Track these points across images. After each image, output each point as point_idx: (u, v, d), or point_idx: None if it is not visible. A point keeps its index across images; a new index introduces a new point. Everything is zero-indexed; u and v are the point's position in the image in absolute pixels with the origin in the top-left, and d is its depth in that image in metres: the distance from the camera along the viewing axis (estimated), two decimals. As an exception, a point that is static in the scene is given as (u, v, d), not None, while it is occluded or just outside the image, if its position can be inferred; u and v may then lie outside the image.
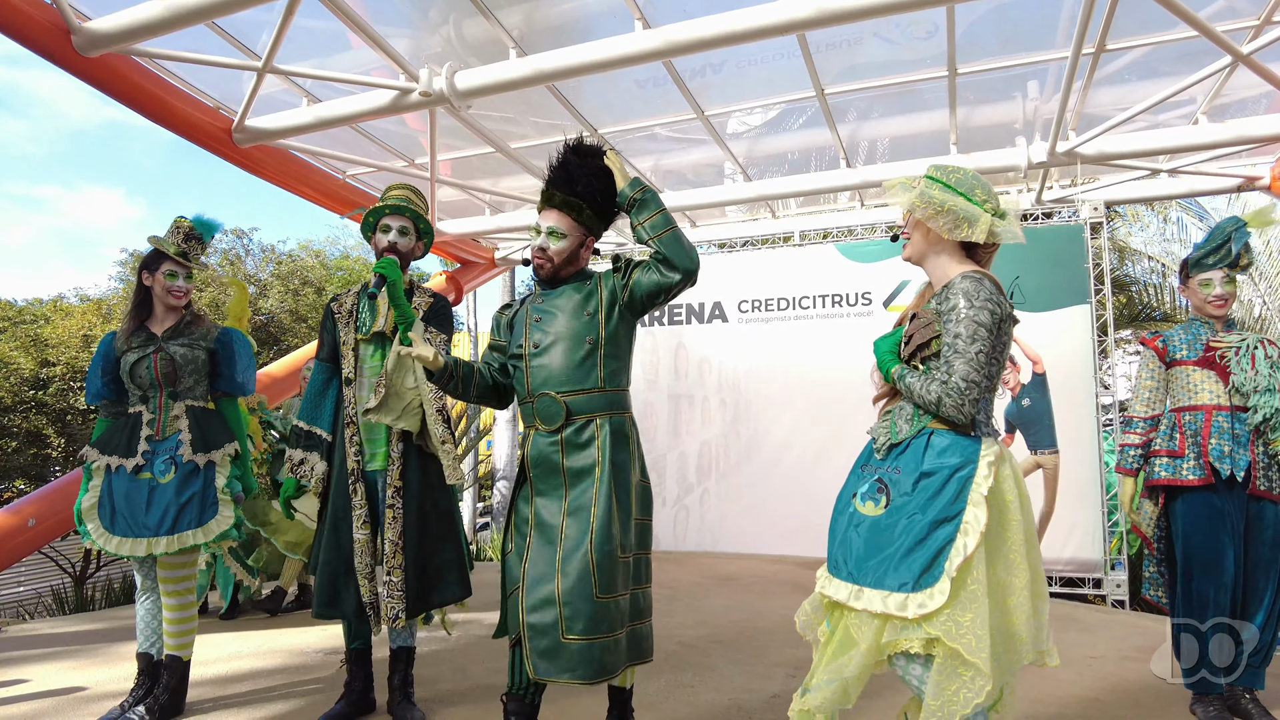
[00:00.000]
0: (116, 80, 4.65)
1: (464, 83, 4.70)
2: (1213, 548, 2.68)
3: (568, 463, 2.14)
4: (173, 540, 2.62)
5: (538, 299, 2.29)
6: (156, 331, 2.82)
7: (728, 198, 6.87)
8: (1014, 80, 5.61)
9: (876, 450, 1.88)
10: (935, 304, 1.86)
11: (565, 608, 2.00)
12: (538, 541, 2.13)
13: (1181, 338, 2.89)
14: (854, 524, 1.81)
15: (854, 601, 1.72)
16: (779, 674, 3.17)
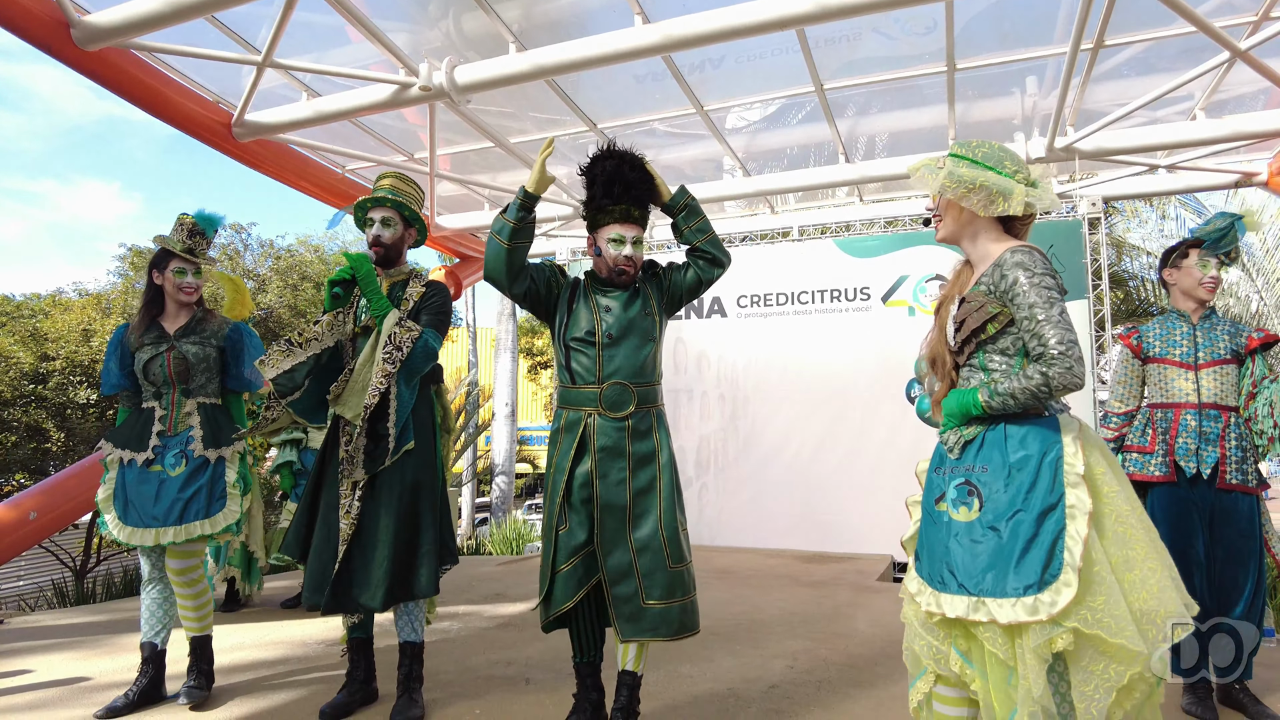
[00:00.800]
0: (116, 74, 4.65)
1: (463, 77, 4.70)
2: (1182, 539, 2.73)
3: (633, 447, 2.34)
4: (180, 530, 2.69)
5: (596, 290, 2.46)
6: (169, 329, 2.86)
7: (727, 193, 6.88)
8: (1013, 76, 5.62)
9: (950, 450, 1.78)
10: (986, 285, 1.76)
11: (644, 578, 2.26)
12: (608, 520, 2.32)
13: (1156, 333, 2.91)
14: (952, 533, 1.71)
15: (974, 614, 1.61)
16: (777, 665, 3.19)
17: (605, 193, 2.43)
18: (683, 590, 2.30)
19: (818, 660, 3.25)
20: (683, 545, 2.35)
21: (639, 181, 2.44)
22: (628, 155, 2.47)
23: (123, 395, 2.89)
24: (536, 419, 23.47)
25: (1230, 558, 2.74)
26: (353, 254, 2.56)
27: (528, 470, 22.27)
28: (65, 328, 7.99)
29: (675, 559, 2.30)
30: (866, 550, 6.30)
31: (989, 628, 1.61)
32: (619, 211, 2.41)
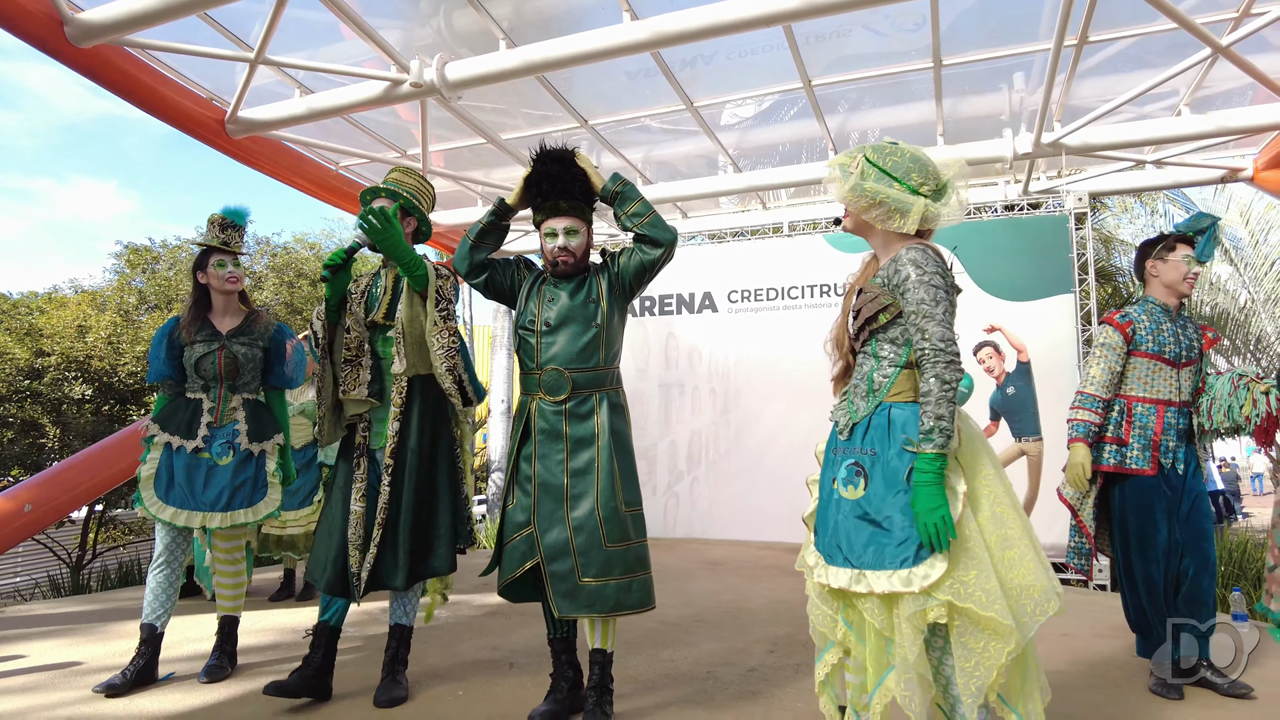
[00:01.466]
0: (109, 71, 4.69)
1: (454, 74, 4.75)
2: (1149, 530, 2.80)
3: (570, 430, 2.44)
4: (226, 517, 2.90)
5: (548, 281, 2.59)
6: (220, 327, 3.07)
7: (718, 189, 6.92)
8: (1000, 72, 5.67)
9: (840, 432, 1.91)
10: (882, 277, 1.89)
11: (580, 556, 2.34)
12: (545, 499, 2.41)
13: (1146, 325, 2.89)
14: (841, 510, 1.83)
15: (856, 586, 1.73)
16: (758, 650, 3.25)
17: (536, 193, 2.55)
18: (621, 569, 2.37)
19: (798, 645, 3.30)
20: (623, 525, 2.40)
21: (563, 175, 2.51)
22: (553, 152, 2.56)
23: (165, 384, 3.07)
24: (533, 416, 23.50)
25: (1192, 541, 2.82)
26: (371, 212, 2.56)
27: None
28: (60, 324, 8.04)
29: (612, 538, 2.37)
30: (856, 542, 6.35)
31: (868, 599, 1.74)
32: (548, 207, 2.54)
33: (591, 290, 2.53)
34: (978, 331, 6.34)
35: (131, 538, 8.99)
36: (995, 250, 6.47)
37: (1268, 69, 4.72)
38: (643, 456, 7.30)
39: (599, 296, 2.53)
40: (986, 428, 6.26)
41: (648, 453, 7.27)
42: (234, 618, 3.03)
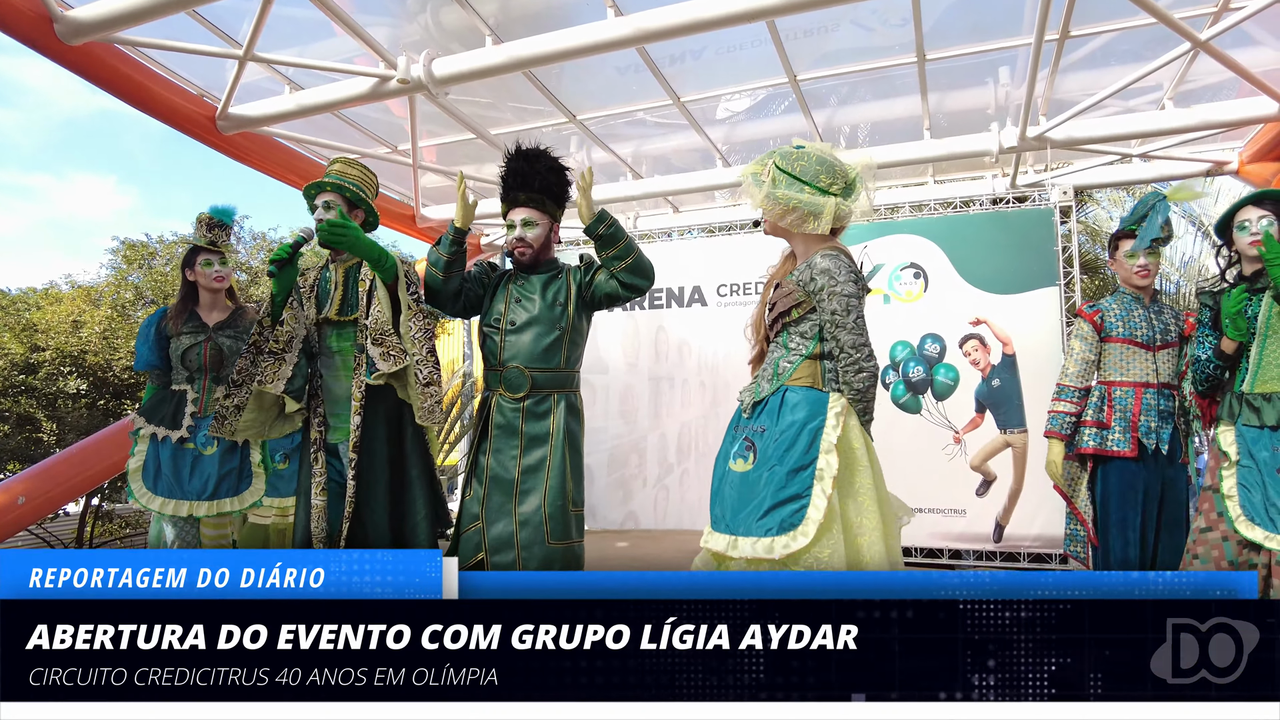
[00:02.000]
0: (100, 68, 4.73)
1: (441, 70, 4.79)
2: (1125, 511, 2.93)
3: (526, 428, 2.54)
4: (212, 505, 3.02)
5: (516, 280, 2.68)
6: (208, 321, 3.18)
7: (709, 183, 6.97)
8: (985, 66, 5.71)
9: (744, 411, 2.06)
10: (797, 278, 2.04)
11: (523, 550, 2.43)
12: (494, 492, 2.50)
13: (1117, 312, 3.04)
14: (728, 481, 2.00)
15: (731, 551, 1.89)
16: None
17: (503, 189, 2.69)
18: (560, 566, 2.45)
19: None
20: (568, 524, 2.49)
21: (525, 170, 2.67)
22: (522, 150, 2.72)
23: (153, 373, 3.18)
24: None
25: (1175, 524, 2.94)
26: (320, 227, 2.62)
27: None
28: (55, 319, 8.11)
29: (555, 536, 2.45)
30: (843, 533, 6.42)
31: (735, 562, 1.90)
32: (510, 199, 2.69)
33: (560, 293, 2.63)
34: (964, 325, 6.41)
35: (128, 531, 9.06)
36: (981, 244, 6.53)
37: (1250, 63, 4.76)
38: (633, 449, 7.37)
39: (567, 300, 2.63)
40: (972, 419, 6.33)
41: (638, 445, 7.34)
42: None
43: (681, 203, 7.94)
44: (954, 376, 6.42)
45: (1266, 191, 2.75)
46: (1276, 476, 2.47)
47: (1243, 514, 2.50)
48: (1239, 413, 2.60)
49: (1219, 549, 2.55)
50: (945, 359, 6.51)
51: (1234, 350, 2.62)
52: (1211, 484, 2.63)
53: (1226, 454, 2.59)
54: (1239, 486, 2.53)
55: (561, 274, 2.70)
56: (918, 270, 6.68)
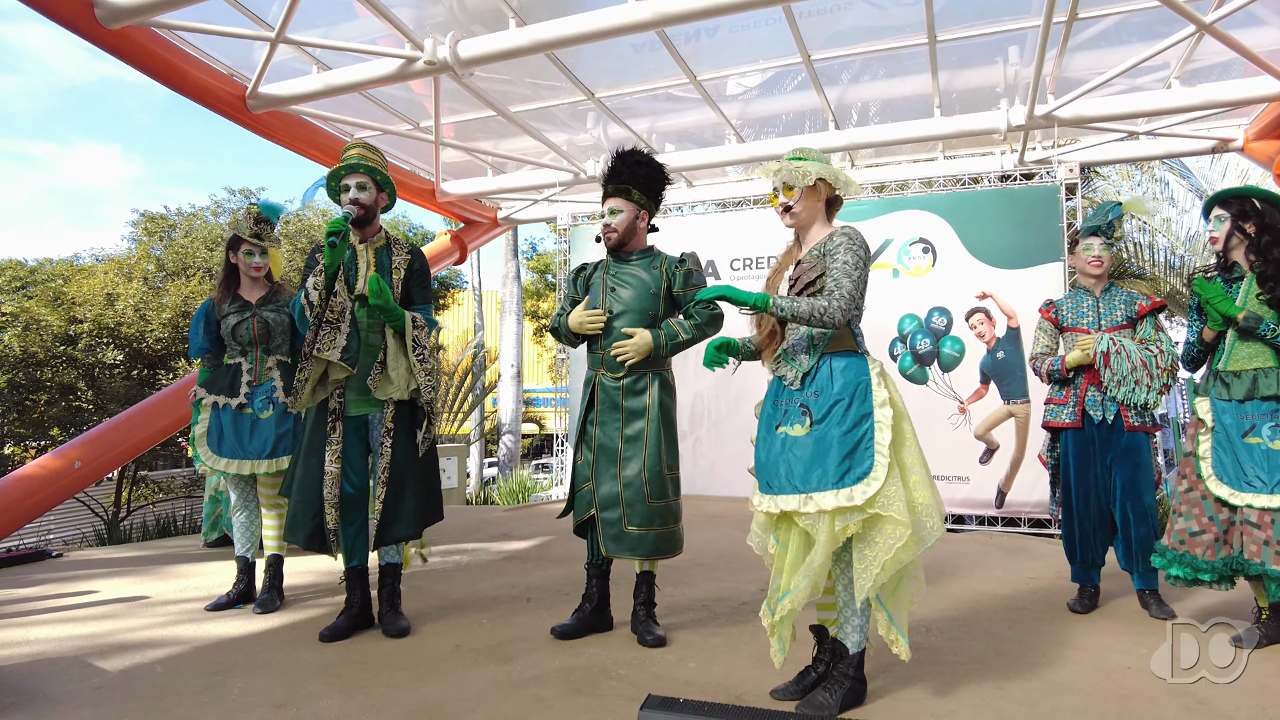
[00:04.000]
0: (137, 51, 4.91)
1: (467, 51, 4.93)
2: (1082, 472, 3.31)
3: (626, 403, 2.84)
4: (272, 463, 3.31)
5: (610, 267, 2.96)
6: (250, 299, 3.44)
7: (723, 159, 7.12)
8: (994, 46, 5.81)
9: (790, 384, 2.28)
10: (818, 250, 2.28)
11: (627, 508, 2.77)
12: (601, 458, 2.84)
13: (1069, 306, 3.45)
14: (787, 447, 2.20)
15: (805, 506, 2.10)
16: (749, 588, 3.59)
17: (602, 186, 2.99)
18: (660, 521, 2.77)
19: (787, 585, 3.65)
20: (665, 485, 2.79)
21: (616, 166, 2.96)
22: (620, 151, 3.01)
23: (206, 357, 3.45)
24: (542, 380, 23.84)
25: (1127, 487, 3.23)
26: (334, 221, 2.79)
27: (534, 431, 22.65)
28: (90, 292, 8.37)
29: (655, 495, 2.76)
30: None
31: (813, 516, 2.10)
32: (604, 192, 2.97)
33: (654, 283, 2.89)
34: (970, 298, 6.59)
35: (160, 496, 9.41)
36: (988, 219, 6.68)
37: (1255, 43, 4.88)
38: (648, 418, 7.59)
39: (660, 293, 2.89)
40: (977, 390, 6.54)
41: (653, 414, 7.56)
42: (279, 556, 3.41)
43: (696, 177, 8.09)
44: (960, 349, 6.61)
45: (1228, 191, 3.04)
46: (1243, 442, 2.75)
47: (1214, 474, 2.79)
48: (1213, 387, 2.92)
49: (1199, 506, 2.83)
50: (952, 332, 6.69)
51: (1213, 338, 2.98)
52: (1190, 449, 2.91)
53: (1203, 421, 2.88)
54: (1212, 449, 2.82)
55: (657, 264, 2.94)
56: (926, 245, 6.84)
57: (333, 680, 2.43)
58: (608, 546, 2.79)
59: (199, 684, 2.39)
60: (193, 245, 12.67)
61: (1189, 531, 2.84)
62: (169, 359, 8.65)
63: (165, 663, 2.58)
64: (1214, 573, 2.78)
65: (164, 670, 2.52)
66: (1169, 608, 3.18)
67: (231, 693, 2.33)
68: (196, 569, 4.11)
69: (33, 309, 8.10)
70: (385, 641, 2.83)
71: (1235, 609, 3.14)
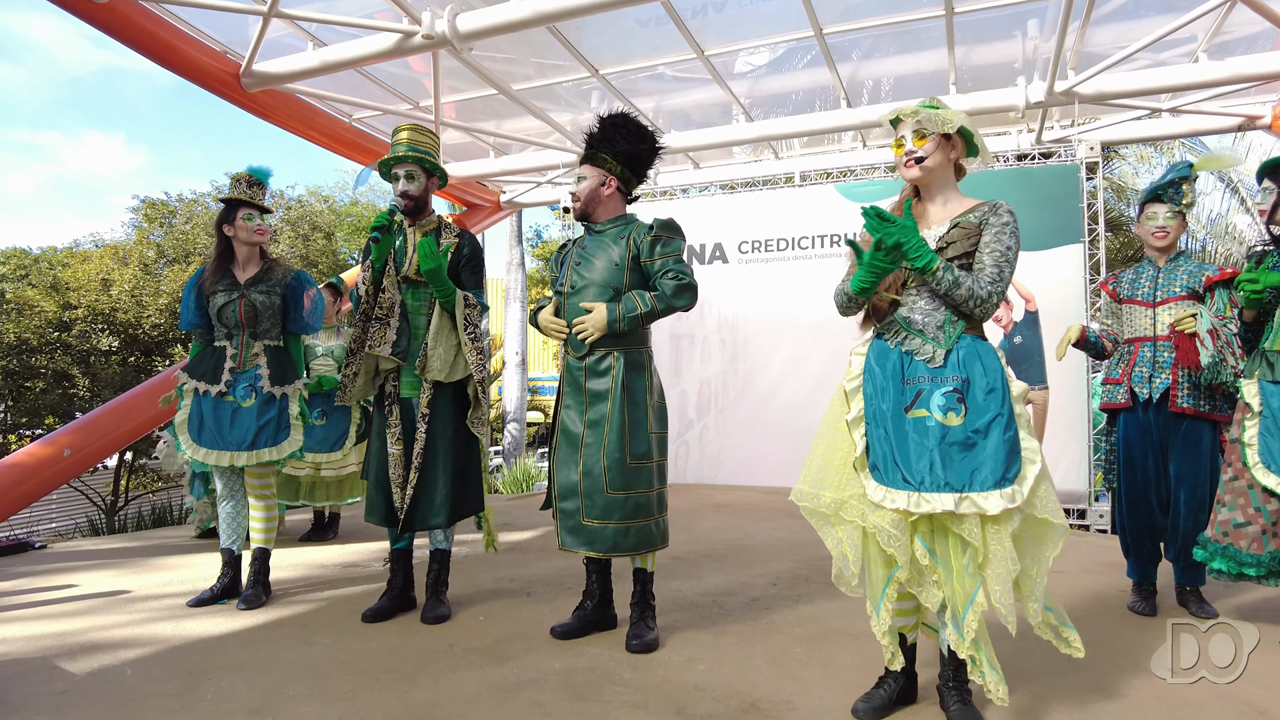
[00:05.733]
0: (125, 25, 4.74)
1: (466, 25, 4.76)
2: (1137, 456, 3.10)
3: (589, 385, 2.63)
4: (251, 455, 3.12)
5: (583, 242, 2.76)
6: (240, 278, 3.23)
7: (730, 138, 6.91)
8: (1013, 19, 5.60)
9: (929, 360, 2.00)
10: (977, 219, 2.05)
11: (585, 499, 2.56)
12: (563, 443, 2.66)
13: (1129, 278, 3.23)
14: (937, 437, 1.93)
15: (960, 508, 1.85)
16: (761, 582, 3.43)
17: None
18: (622, 514, 2.54)
19: (799, 579, 3.48)
20: (629, 475, 2.55)
21: (596, 135, 2.76)
22: (607, 117, 2.79)
23: (197, 332, 3.29)
24: (547, 369, 23.70)
25: (1183, 476, 3.01)
26: (379, 216, 2.83)
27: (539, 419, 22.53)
28: (85, 277, 8.22)
29: (614, 486, 2.54)
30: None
31: (969, 519, 1.86)
32: (582, 156, 2.79)
33: (621, 255, 2.65)
34: (986, 281, 6.38)
35: (159, 484, 9.30)
36: (1005, 200, 6.45)
37: (1290, 13, 4.65)
38: (654, 406, 7.43)
39: (624, 263, 2.64)
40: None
41: (659, 402, 7.41)
42: (266, 550, 3.24)
43: (702, 158, 7.89)
44: (975, 333, 6.42)
45: (1278, 160, 2.82)
46: None
47: (1260, 461, 2.59)
48: (1260, 368, 2.71)
49: (1244, 496, 2.63)
50: (966, 316, 6.46)
51: (1253, 319, 2.77)
52: (1236, 435, 2.70)
53: (1250, 405, 2.67)
54: (1259, 435, 2.62)
55: (626, 233, 2.70)
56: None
57: (315, 683, 2.28)
58: (563, 539, 2.61)
59: (171, 688, 2.24)
60: (194, 231, 12.52)
61: (1233, 523, 2.65)
62: (165, 345, 8.51)
63: (138, 664, 2.43)
64: (1260, 567, 2.58)
65: (135, 672, 2.36)
66: (1210, 607, 2.98)
67: (205, 697, 2.17)
68: (183, 561, 3.97)
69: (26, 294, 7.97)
70: (376, 639, 2.68)
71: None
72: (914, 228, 1.97)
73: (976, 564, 1.90)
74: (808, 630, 2.75)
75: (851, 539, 2.04)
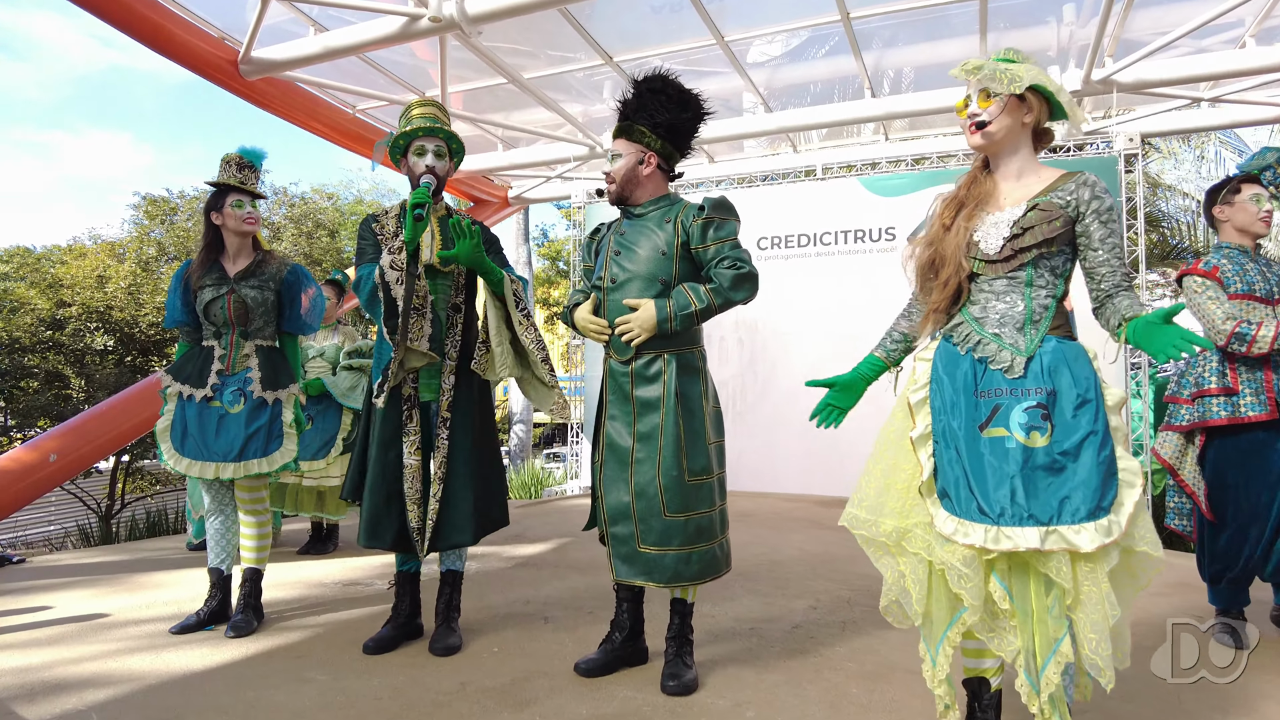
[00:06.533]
0: (117, 8, 4.51)
1: (475, 7, 4.52)
2: (1256, 479, 2.62)
3: (637, 393, 2.31)
4: (239, 467, 2.80)
5: (621, 227, 2.43)
6: (230, 270, 2.93)
7: (747, 130, 6.65)
8: (1048, 3, 5.33)
9: (1006, 370, 1.71)
10: (1062, 199, 1.74)
11: (640, 523, 2.25)
12: (610, 460, 2.34)
13: (1230, 269, 2.71)
14: (1019, 461, 1.64)
15: (1047, 544, 1.57)
16: (800, 606, 3.15)
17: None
18: (681, 539, 2.23)
19: (841, 602, 3.20)
20: (688, 494, 2.24)
21: (625, 100, 2.41)
22: (642, 80, 2.40)
23: (183, 330, 2.98)
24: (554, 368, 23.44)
25: None
26: (418, 192, 2.48)
27: (545, 420, 22.31)
28: (80, 274, 7.96)
29: (673, 508, 2.23)
30: (886, 496, 6.23)
31: (1057, 557, 1.58)
32: (615, 129, 2.43)
33: (668, 241, 2.31)
34: (1018, 279, 6.10)
35: (159, 488, 9.06)
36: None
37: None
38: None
39: (672, 252, 2.31)
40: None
41: (673, 405, 7.14)
42: (258, 570, 2.94)
43: (717, 152, 7.62)
44: (1007, 334, 6.15)
45: None
46: None
47: None
48: None
49: None
50: (998, 316, 6.20)
51: None
52: None
53: None
54: None
55: (671, 215, 2.35)
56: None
57: (311, 729, 2.00)
58: (618, 569, 2.29)
59: (145, 737, 1.97)
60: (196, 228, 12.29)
61: None
62: (163, 344, 8.26)
63: (106, 709, 2.15)
64: None
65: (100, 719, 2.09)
66: None
67: (182, 751, 1.90)
68: (171, 578, 3.70)
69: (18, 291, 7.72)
70: (378, 675, 2.41)
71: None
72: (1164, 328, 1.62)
73: (1064, 606, 1.61)
74: (863, 666, 2.47)
75: (915, 573, 1.75)
